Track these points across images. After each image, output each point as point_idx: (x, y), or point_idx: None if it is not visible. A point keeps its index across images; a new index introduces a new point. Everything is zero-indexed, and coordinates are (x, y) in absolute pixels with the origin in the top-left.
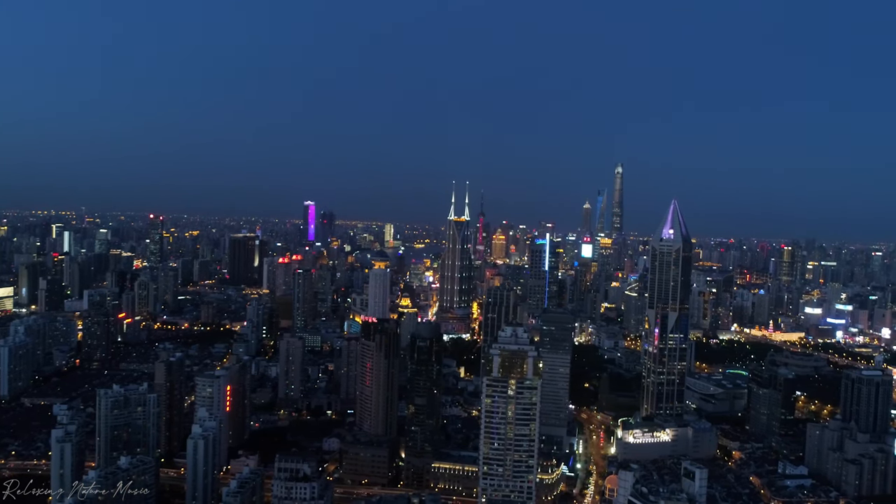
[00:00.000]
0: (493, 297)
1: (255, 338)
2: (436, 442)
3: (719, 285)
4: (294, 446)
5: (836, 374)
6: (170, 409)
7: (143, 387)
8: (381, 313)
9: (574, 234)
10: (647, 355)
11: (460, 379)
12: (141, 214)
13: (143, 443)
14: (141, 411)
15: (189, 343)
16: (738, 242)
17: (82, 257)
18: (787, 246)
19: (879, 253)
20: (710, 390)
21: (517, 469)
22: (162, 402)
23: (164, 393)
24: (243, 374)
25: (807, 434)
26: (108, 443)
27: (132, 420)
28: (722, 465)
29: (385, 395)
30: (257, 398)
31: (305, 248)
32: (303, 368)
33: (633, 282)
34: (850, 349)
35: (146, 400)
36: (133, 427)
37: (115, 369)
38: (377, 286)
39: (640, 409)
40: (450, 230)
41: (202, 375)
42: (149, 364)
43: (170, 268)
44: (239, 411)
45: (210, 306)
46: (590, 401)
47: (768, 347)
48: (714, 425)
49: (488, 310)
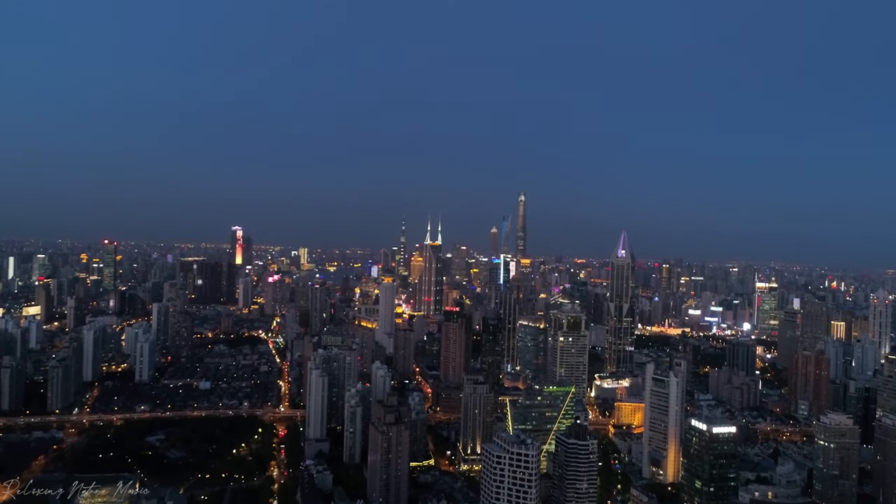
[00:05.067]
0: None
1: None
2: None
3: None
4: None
5: (719, 349)
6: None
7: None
8: (390, 319)
9: (486, 256)
10: (608, 333)
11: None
12: (52, 241)
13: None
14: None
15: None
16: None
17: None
18: (664, 264)
19: (735, 269)
20: (644, 359)
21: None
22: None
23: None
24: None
25: (710, 377)
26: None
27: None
28: None
29: (465, 355)
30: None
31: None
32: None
33: (556, 295)
34: (723, 338)
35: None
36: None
37: (202, 363)
38: (386, 296)
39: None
40: (426, 252)
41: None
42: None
43: (178, 288)
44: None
45: (229, 318)
46: None
47: (668, 337)
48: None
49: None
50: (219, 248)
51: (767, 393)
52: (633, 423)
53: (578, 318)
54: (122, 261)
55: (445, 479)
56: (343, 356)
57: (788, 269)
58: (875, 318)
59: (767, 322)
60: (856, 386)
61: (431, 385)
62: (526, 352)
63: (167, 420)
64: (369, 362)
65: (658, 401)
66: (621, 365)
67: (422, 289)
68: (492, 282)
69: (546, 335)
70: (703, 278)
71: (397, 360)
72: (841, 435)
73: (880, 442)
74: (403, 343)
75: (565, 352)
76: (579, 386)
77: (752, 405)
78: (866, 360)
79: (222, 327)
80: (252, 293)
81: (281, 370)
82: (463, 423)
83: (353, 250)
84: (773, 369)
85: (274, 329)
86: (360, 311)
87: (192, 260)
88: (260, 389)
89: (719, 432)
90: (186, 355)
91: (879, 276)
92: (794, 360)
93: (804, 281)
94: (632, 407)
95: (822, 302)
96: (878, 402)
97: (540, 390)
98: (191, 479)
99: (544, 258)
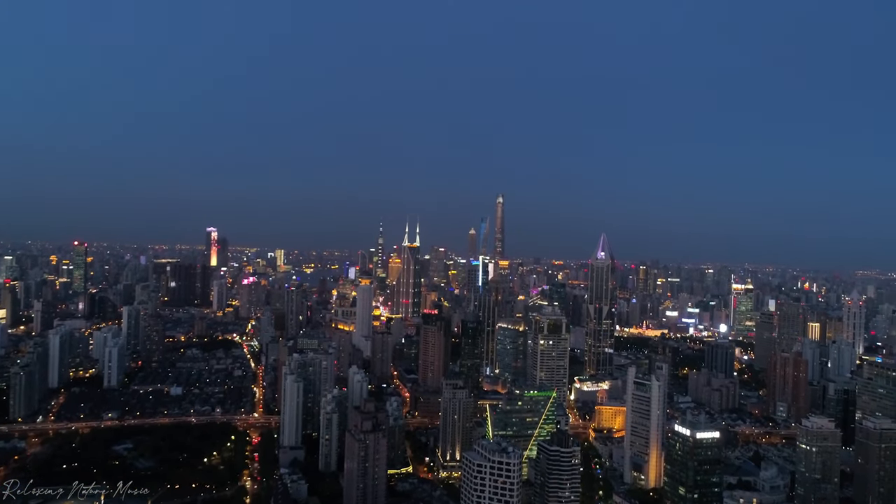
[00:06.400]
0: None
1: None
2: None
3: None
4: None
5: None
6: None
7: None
8: (367, 321)
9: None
10: (588, 335)
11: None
12: (21, 243)
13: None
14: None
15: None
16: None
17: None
18: (641, 266)
19: (711, 271)
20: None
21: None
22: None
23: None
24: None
25: (689, 379)
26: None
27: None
28: None
29: (443, 359)
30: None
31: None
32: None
33: (534, 296)
34: (700, 339)
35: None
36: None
37: (174, 367)
38: (363, 298)
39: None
40: (404, 254)
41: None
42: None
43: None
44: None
45: (203, 321)
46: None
47: (647, 339)
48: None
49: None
50: (194, 250)
51: (746, 395)
52: (614, 426)
53: (559, 320)
54: (94, 262)
55: (424, 487)
56: (319, 360)
57: (762, 271)
58: (849, 319)
59: (744, 323)
60: (835, 388)
61: (410, 389)
62: (505, 354)
63: (135, 428)
64: (346, 366)
65: (639, 404)
66: (601, 367)
67: (400, 291)
68: (470, 283)
69: (525, 338)
70: (680, 280)
71: (375, 363)
72: (823, 439)
73: (861, 445)
74: (381, 346)
75: (546, 355)
76: (560, 389)
77: (732, 407)
78: (842, 361)
79: (196, 330)
80: (227, 295)
81: (255, 375)
82: (442, 429)
83: (330, 252)
84: (751, 370)
85: (249, 332)
86: (337, 314)
87: (166, 262)
88: (233, 395)
89: (703, 438)
90: (158, 360)
91: (850, 276)
92: (772, 362)
93: (777, 282)
94: (612, 410)
95: (798, 303)
96: (857, 404)
97: (520, 395)
98: (159, 490)
99: (522, 260)
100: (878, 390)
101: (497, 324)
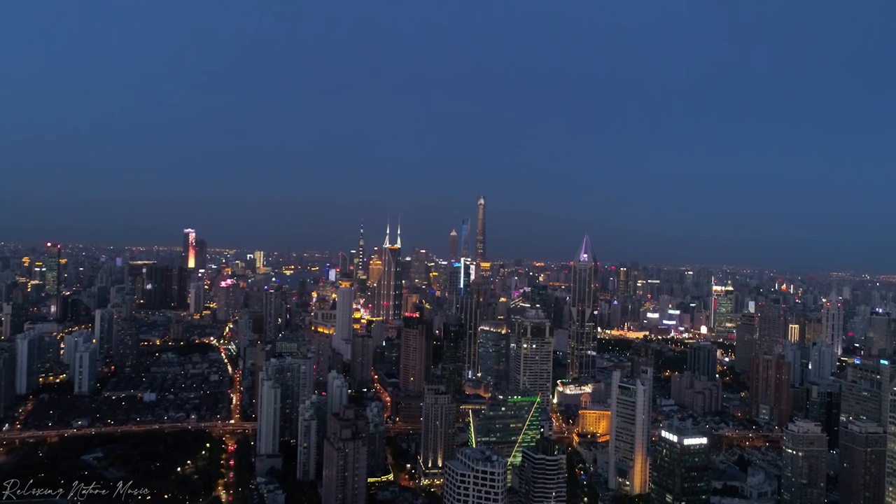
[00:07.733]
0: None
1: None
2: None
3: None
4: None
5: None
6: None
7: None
8: (347, 324)
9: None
10: (570, 337)
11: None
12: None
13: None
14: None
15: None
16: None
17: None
18: (622, 268)
19: (690, 273)
20: (606, 364)
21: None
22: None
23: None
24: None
25: (671, 382)
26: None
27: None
28: None
29: (425, 363)
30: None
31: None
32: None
33: (516, 298)
34: (681, 341)
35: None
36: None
37: (148, 372)
38: (343, 301)
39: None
40: (385, 256)
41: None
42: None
43: (126, 293)
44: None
45: (179, 324)
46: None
47: (629, 341)
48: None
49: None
50: (171, 252)
51: (728, 397)
52: (598, 431)
53: (542, 324)
54: (68, 264)
55: (405, 495)
56: (297, 365)
57: (740, 273)
58: (828, 320)
59: (724, 325)
60: (818, 391)
61: (391, 394)
62: (487, 358)
63: (107, 436)
64: (326, 370)
65: (624, 409)
66: (583, 370)
67: (381, 293)
68: (452, 285)
69: (508, 341)
70: (660, 281)
71: (355, 367)
72: (809, 443)
73: (846, 449)
74: (361, 350)
75: (529, 359)
76: (543, 393)
77: (715, 410)
78: (823, 363)
79: (171, 334)
80: (204, 298)
81: (233, 379)
82: (424, 435)
83: (310, 253)
84: (732, 372)
85: (226, 336)
86: (316, 317)
87: (142, 263)
88: (209, 401)
89: (690, 444)
90: (131, 365)
91: (826, 278)
92: (755, 365)
93: (755, 283)
94: (596, 415)
95: (779, 305)
96: (841, 407)
97: (504, 400)
98: (130, 501)
99: (503, 262)
100: (863, 393)
101: (479, 326)
